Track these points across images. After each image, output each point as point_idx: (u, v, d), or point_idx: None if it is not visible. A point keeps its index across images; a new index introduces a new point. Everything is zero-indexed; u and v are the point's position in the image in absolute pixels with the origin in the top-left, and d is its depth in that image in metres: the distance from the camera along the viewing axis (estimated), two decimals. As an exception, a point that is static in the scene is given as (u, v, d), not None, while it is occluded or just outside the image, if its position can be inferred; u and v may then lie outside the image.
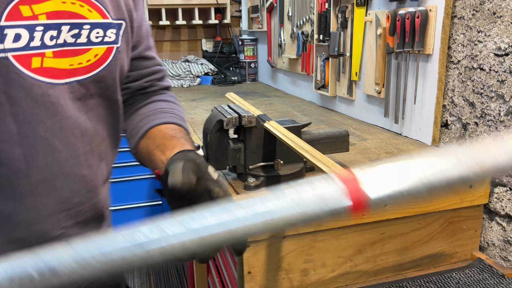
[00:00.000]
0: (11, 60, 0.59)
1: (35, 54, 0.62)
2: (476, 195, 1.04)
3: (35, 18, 0.62)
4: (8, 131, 0.61)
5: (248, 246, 0.88)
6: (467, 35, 1.08)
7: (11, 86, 0.60)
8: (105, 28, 0.70)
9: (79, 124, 0.68)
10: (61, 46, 0.64)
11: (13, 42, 0.60)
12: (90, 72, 0.68)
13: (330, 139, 1.01)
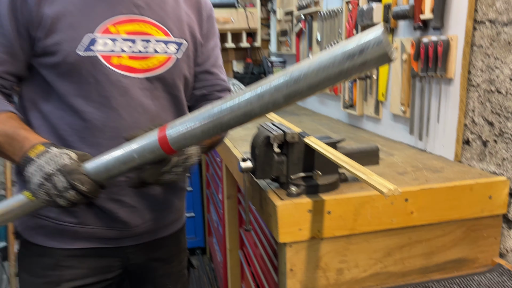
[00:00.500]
0: (98, 57, 0.94)
1: (115, 55, 0.96)
2: (495, 205, 1.15)
3: (118, 33, 0.96)
4: (92, 100, 0.95)
5: None
6: (485, 61, 1.20)
7: (97, 72, 0.94)
8: (166, 43, 1.02)
9: (143, 105, 0.99)
10: (135, 53, 0.98)
11: (101, 46, 0.94)
12: (153, 72, 1.01)
13: (362, 154, 1.14)
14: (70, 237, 1.02)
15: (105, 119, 0.96)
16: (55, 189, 0.78)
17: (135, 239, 1.07)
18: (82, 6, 0.93)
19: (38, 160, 0.80)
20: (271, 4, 2.94)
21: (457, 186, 1.11)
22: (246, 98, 0.71)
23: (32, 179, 0.80)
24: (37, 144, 0.84)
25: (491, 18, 1.17)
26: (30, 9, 0.90)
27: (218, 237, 2.34)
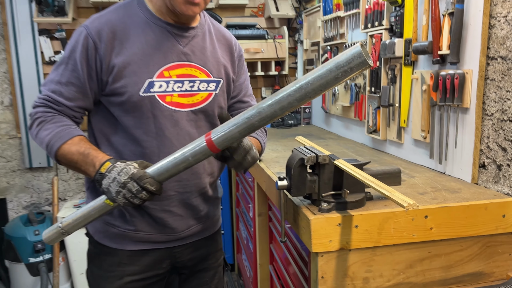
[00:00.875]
0: (155, 97, 1.17)
1: (168, 94, 1.18)
2: (509, 223, 1.26)
3: (170, 77, 1.18)
4: (150, 131, 1.18)
5: None
6: (498, 93, 1.34)
7: (154, 109, 1.17)
8: (208, 82, 1.25)
9: (189, 133, 1.22)
10: (183, 91, 1.20)
11: (157, 88, 1.17)
12: (198, 106, 1.23)
13: (386, 175, 1.28)
14: (130, 241, 1.24)
15: (160, 146, 1.19)
16: (130, 193, 0.98)
17: (181, 241, 1.29)
18: (142, 57, 1.16)
19: (110, 174, 1.01)
20: (298, 35, 3.13)
21: (472, 205, 1.23)
22: (268, 103, 0.94)
23: (110, 189, 1.01)
24: (105, 162, 1.05)
25: (502, 55, 1.31)
26: (101, 59, 1.13)
27: (248, 253, 2.47)
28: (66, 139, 1.11)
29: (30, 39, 2.91)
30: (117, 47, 1.14)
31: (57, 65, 1.18)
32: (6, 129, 3.03)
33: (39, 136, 1.14)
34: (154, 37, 1.18)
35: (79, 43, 1.14)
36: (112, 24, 1.15)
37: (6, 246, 2.75)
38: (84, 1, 2.96)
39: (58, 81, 1.15)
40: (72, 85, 1.15)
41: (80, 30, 1.15)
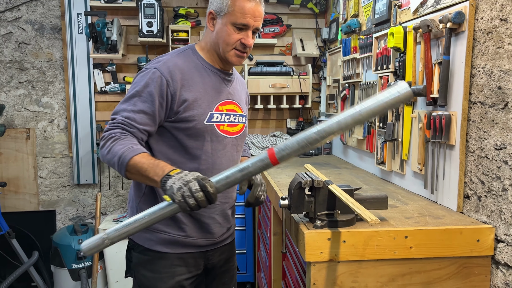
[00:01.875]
0: (214, 126, 1.48)
1: (221, 124, 1.50)
2: (483, 247, 1.43)
3: (222, 111, 1.51)
4: (207, 152, 1.47)
5: None
6: (477, 133, 1.53)
7: (212, 135, 1.48)
8: (242, 116, 1.60)
9: (233, 155, 1.55)
10: (230, 122, 1.53)
11: (215, 119, 1.48)
12: (238, 134, 1.57)
13: (374, 199, 1.49)
14: (180, 245, 1.49)
15: (213, 164, 1.49)
16: (189, 191, 1.15)
17: (215, 245, 1.57)
18: (205, 94, 1.46)
19: (178, 175, 1.20)
20: (322, 72, 3.40)
21: (449, 229, 1.42)
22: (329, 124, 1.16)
23: (173, 186, 1.17)
24: (174, 169, 1.26)
25: (481, 100, 1.52)
26: (172, 93, 1.40)
27: (265, 270, 2.68)
28: (137, 152, 1.29)
29: (86, 71, 3.35)
30: (186, 85, 1.42)
31: (128, 98, 1.39)
32: (60, 149, 3.45)
33: (112, 150, 1.29)
34: (210, 80, 1.48)
35: (153, 80, 1.38)
36: (179, 67, 1.43)
37: (53, 253, 3.11)
38: (133, 40, 3.38)
39: (131, 109, 1.36)
40: (143, 113, 1.37)
41: (153, 70, 1.40)
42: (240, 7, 1.40)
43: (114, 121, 1.37)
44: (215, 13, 1.45)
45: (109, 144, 1.31)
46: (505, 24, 1.39)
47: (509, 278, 1.39)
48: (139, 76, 1.43)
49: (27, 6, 3.32)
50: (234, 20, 1.41)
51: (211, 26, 1.48)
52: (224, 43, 1.44)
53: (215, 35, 1.46)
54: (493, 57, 1.44)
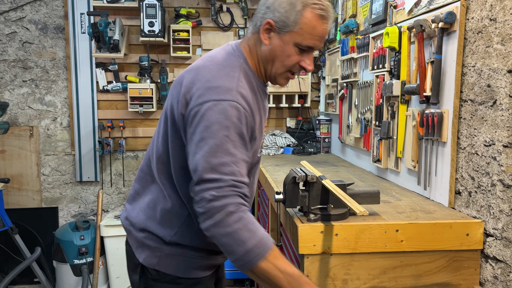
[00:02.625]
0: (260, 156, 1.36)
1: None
2: (472, 241, 1.47)
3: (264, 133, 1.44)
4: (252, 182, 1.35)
5: None
6: (468, 130, 1.57)
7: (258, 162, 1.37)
8: None
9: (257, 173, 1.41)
10: None
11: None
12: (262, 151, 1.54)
13: (366, 194, 1.53)
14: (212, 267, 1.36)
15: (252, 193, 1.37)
16: None
17: (223, 260, 1.45)
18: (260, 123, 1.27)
19: None
20: (321, 72, 3.44)
21: (439, 223, 1.46)
22: None
23: None
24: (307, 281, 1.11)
25: (471, 98, 1.56)
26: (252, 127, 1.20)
27: (263, 267, 2.72)
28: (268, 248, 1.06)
29: (88, 70, 3.41)
30: (255, 117, 1.20)
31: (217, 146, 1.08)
32: (63, 146, 3.50)
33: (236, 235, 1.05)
34: (261, 101, 1.28)
35: (239, 118, 1.11)
36: (248, 92, 1.19)
37: (55, 248, 3.16)
38: (135, 39, 3.43)
39: (231, 161, 1.09)
40: (244, 162, 1.13)
41: (232, 104, 1.11)
42: (311, 27, 1.17)
43: (220, 183, 1.07)
44: (276, 26, 1.18)
45: (230, 224, 1.05)
46: (494, 23, 1.43)
47: (498, 271, 1.43)
48: (215, 113, 1.10)
49: (31, 6, 3.37)
50: (300, 40, 1.18)
51: (265, 39, 1.21)
52: (280, 64, 1.22)
53: (269, 51, 1.22)
54: (483, 56, 1.48)
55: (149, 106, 3.32)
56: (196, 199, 1.09)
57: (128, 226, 1.34)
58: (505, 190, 1.39)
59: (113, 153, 3.52)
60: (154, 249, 1.27)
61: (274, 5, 1.18)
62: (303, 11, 1.15)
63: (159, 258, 1.26)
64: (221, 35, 3.48)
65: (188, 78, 1.19)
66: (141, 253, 1.29)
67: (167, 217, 1.26)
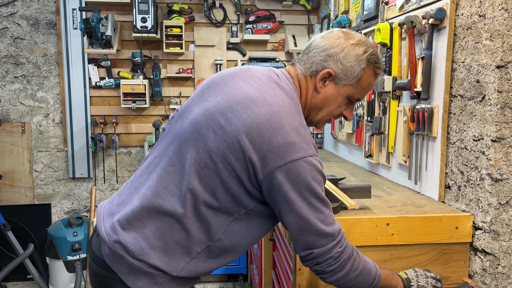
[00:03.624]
0: None
1: None
2: (462, 234, 1.49)
3: None
4: None
5: None
6: (457, 125, 1.59)
7: None
8: None
9: None
10: None
11: None
12: None
13: (357, 188, 1.55)
14: None
15: None
16: None
17: None
18: None
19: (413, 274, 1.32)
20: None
21: (428, 216, 1.48)
22: None
23: None
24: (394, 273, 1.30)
25: (461, 93, 1.58)
26: None
27: (256, 261, 2.74)
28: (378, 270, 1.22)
29: (80, 66, 3.39)
30: None
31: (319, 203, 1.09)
32: (55, 143, 3.49)
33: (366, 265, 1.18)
34: None
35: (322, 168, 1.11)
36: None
37: (48, 245, 3.15)
38: (127, 35, 3.42)
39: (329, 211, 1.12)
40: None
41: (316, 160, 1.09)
42: (367, 84, 1.21)
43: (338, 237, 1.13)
44: (336, 77, 1.18)
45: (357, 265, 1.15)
46: (483, 20, 1.45)
47: (487, 264, 1.45)
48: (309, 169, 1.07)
49: (22, 2, 3.35)
50: (353, 94, 1.20)
51: (320, 87, 1.19)
52: (328, 112, 1.23)
53: (320, 100, 1.21)
54: (472, 51, 1.50)
55: (142, 102, 3.32)
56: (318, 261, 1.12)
57: (119, 251, 1.12)
58: (493, 184, 1.41)
59: (106, 150, 3.52)
60: (155, 276, 1.12)
61: (338, 56, 1.16)
62: (366, 69, 1.17)
63: (160, 284, 1.13)
64: (214, 31, 3.48)
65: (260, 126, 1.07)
66: (137, 281, 1.12)
67: (178, 250, 1.14)
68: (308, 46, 1.23)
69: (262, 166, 1.06)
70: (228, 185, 1.10)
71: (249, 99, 1.10)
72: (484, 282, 1.46)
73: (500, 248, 1.42)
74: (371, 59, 1.18)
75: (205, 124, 1.12)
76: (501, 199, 1.41)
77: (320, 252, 1.10)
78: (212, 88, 1.19)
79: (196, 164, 1.11)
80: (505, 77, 1.38)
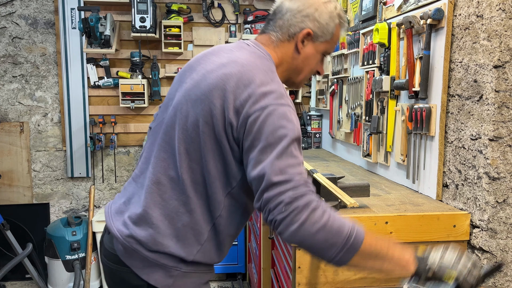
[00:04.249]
0: None
1: None
2: (459, 233, 1.51)
3: None
4: None
5: None
6: (455, 124, 1.61)
7: None
8: None
9: None
10: None
11: None
12: None
13: (356, 187, 1.57)
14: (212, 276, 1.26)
15: None
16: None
17: None
18: None
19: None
20: (312, 67, 3.47)
21: (426, 215, 1.49)
22: None
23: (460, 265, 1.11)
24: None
25: (458, 93, 1.59)
26: None
27: (255, 260, 2.76)
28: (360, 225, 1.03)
29: (79, 66, 3.39)
30: None
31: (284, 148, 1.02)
32: (54, 142, 3.49)
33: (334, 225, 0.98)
34: None
35: (297, 124, 1.09)
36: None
37: (47, 244, 3.15)
38: (126, 35, 3.43)
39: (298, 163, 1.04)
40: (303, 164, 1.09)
41: (289, 109, 1.08)
42: (337, 38, 1.25)
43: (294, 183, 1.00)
44: (314, 35, 1.20)
45: (317, 219, 0.98)
46: (480, 20, 1.46)
47: (484, 261, 1.47)
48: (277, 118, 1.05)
49: (20, 1, 3.34)
50: (329, 49, 1.25)
51: (301, 47, 1.21)
52: (309, 71, 1.27)
53: (301, 60, 1.23)
54: (470, 51, 1.52)
55: (141, 102, 3.33)
56: (269, 206, 0.99)
57: (133, 245, 1.14)
58: (490, 182, 1.43)
59: (105, 149, 3.52)
60: (171, 268, 1.14)
61: (314, 15, 1.19)
62: (338, 25, 1.23)
63: (175, 278, 1.14)
64: (212, 31, 3.49)
65: (231, 84, 1.09)
66: (152, 274, 1.14)
67: (189, 234, 1.15)
68: (279, 11, 1.23)
69: (237, 119, 1.07)
70: (216, 155, 1.11)
71: (220, 65, 1.14)
72: (481, 279, 1.47)
73: (498, 246, 1.43)
74: (341, 14, 1.23)
75: (184, 102, 1.15)
76: (498, 197, 1.43)
77: (270, 195, 0.99)
78: (188, 71, 1.23)
79: (184, 142, 1.13)
80: (502, 77, 1.40)
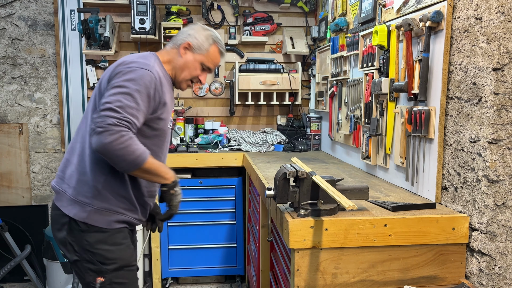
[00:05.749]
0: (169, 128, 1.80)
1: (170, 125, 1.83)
2: (458, 235, 1.51)
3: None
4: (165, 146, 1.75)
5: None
6: (454, 127, 1.61)
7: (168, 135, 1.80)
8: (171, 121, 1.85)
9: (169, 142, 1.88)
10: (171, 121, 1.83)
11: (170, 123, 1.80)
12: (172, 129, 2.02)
13: (356, 190, 1.56)
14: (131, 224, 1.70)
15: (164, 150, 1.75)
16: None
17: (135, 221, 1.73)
18: (171, 102, 1.71)
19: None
20: (312, 70, 3.47)
21: (425, 218, 1.49)
22: None
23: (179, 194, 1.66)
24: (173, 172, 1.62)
25: (458, 95, 1.59)
26: (159, 96, 1.58)
27: (254, 262, 2.75)
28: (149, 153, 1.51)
29: (78, 68, 3.39)
30: (164, 91, 1.61)
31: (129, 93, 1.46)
32: (53, 144, 3.48)
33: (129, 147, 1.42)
34: (171, 91, 1.73)
35: (152, 82, 1.53)
36: (161, 75, 1.61)
37: (46, 246, 3.14)
38: (125, 37, 3.42)
39: (136, 108, 1.46)
40: (142, 112, 1.51)
41: (149, 73, 1.52)
42: (214, 56, 1.74)
43: (121, 118, 1.43)
44: (192, 47, 1.70)
45: (124, 141, 1.41)
46: (479, 22, 1.46)
47: (483, 264, 1.47)
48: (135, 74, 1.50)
49: (20, 3, 3.34)
50: (205, 62, 1.72)
51: (183, 53, 1.70)
52: (189, 74, 1.72)
53: (183, 63, 1.70)
54: (469, 54, 1.52)
55: (140, 104, 3.32)
56: (98, 120, 1.41)
57: (60, 184, 1.62)
58: (489, 185, 1.43)
59: (104, 151, 3.51)
60: (85, 204, 1.55)
61: (194, 34, 1.71)
62: (212, 45, 1.72)
63: (88, 213, 1.55)
64: (212, 33, 3.48)
65: (114, 64, 1.57)
66: (72, 209, 1.56)
67: (97, 165, 1.56)
68: (178, 34, 1.75)
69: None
70: None
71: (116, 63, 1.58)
72: (480, 282, 1.47)
73: (497, 249, 1.43)
74: (215, 38, 1.73)
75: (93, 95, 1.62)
76: (497, 200, 1.43)
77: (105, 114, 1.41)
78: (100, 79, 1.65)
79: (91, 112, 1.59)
80: (501, 79, 1.40)
